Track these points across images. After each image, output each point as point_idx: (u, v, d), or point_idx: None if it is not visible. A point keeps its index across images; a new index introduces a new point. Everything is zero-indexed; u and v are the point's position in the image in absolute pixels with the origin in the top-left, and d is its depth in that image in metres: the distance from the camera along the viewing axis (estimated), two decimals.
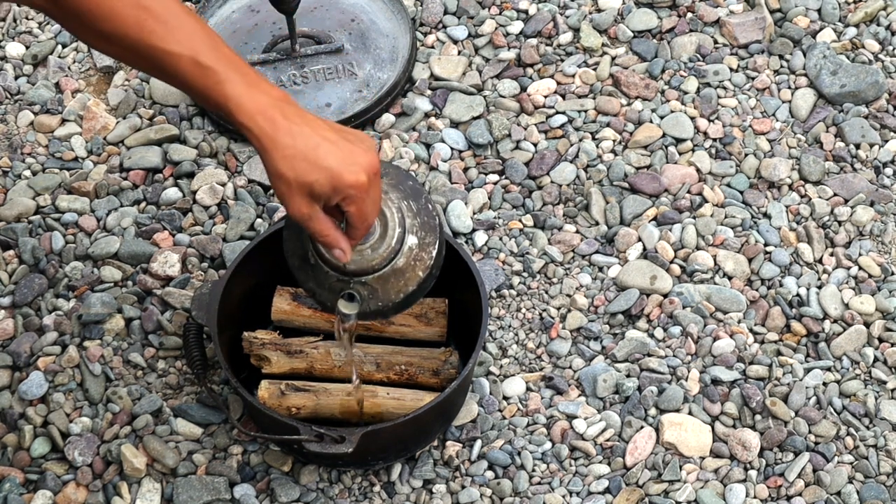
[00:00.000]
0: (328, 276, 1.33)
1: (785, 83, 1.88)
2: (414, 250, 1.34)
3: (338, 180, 1.21)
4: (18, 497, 1.51)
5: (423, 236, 1.35)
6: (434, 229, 1.35)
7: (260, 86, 1.21)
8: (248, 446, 1.55)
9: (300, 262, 1.36)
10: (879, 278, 1.70)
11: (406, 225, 1.33)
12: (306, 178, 1.21)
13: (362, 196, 1.23)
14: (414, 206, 1.34)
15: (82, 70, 1.91)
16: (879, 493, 1.53)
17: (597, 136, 1.82)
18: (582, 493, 1.53)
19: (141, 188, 1.77)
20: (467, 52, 1.91)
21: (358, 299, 1.34)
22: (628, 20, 1.94)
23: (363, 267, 1.32)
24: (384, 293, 1.35)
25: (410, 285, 1.35)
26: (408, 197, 1.34)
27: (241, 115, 1.20)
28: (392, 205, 1.32)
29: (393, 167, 1.36)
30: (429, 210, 1.35)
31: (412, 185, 1.36)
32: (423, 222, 1.35)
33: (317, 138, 1.21)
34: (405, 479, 1.53)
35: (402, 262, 1.34)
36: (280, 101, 1.22)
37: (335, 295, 1.34)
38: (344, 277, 1.33)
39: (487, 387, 1.60)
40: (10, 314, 1.65)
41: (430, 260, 1.35)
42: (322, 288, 1.35)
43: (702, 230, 1.73)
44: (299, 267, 1.36)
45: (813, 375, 1.61)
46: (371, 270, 1.33)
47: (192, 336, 1.54)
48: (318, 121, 1.24)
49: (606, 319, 1.66)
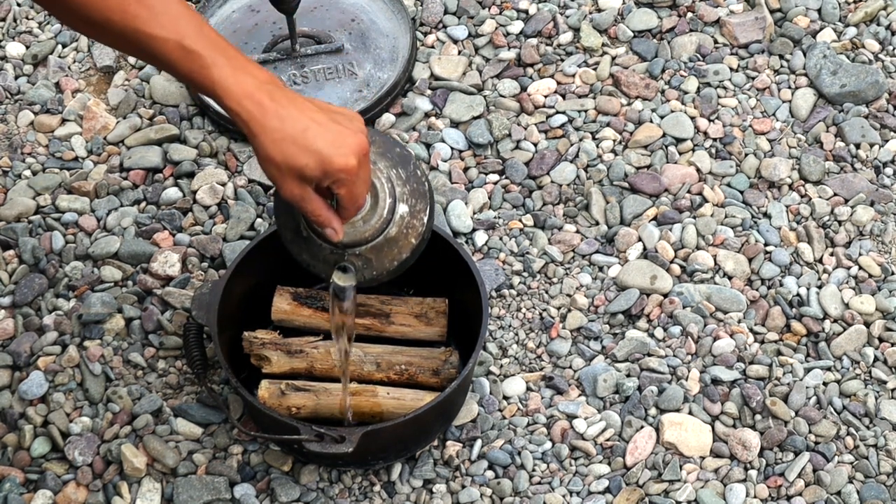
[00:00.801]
0: (322, 249, 1.35)
1: (785, 83, 1.88)
2: (405, 218, 1.35)
3: (328, 164, 1.21)
4: (18, 497, 1.51)
5: (413, 203, 1.36)
6: (424, 195, 1.36)
7: (246, 68, 1.21)
8: (249, 446, 1.55)
9: (293, 235, 1.37)
10: (879, 278, 1.70)
11: (396, 194, 1.34)
12: (296, 162, 1.21)
13: (352, 179, 1.24)
14: (403, 174, 1.35)
15: (82, 70, 1.91)
16: (879, 493, 1.53)
17: (597, 135, 1.82)
18: (582, 493, 1.53)
19: (141, 188, 1.77)
20: (467, 51, 1.91)
21: (352, 270, 1.35)
22: (628, 20, 1.94)
23: (356, 239, 1.34)
24: (378, 262, 1.36)
25: (404, 252, 1.36)
26: (396, 165, 1.35)
27: (228, 100, 1.20)
28: (381, 175, 1.33)
29: (379, 134, 1.37)
30: (417, 176, 1.36)
31: (400, 151, 1.36)
32: (412, 189, 1.36)
33: (305, 121, 1.21)
34: (405, 479, 1.53)
35: (395, 231, 1.35)
36: (267, 84, 1.21)
37: (330, 267, 1.36)
38: (337, 250, 1.34)
39: (487, 387, 1.60)
40: (10, 314, 1.65)
41: (421, 227, 1.36)
42: (316, 260, 1.37)
43: (702, 230, 1.73)
44: (292, 240, 1.37)
45: (813, 375, 1.61)
46: (364, 242, 1.34)
47: (192, 336, 1.54)
48: (306, 102, 1.24)
49: (606, 319, 1.66)
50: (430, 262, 1.58)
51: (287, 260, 1.59)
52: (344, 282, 1.36)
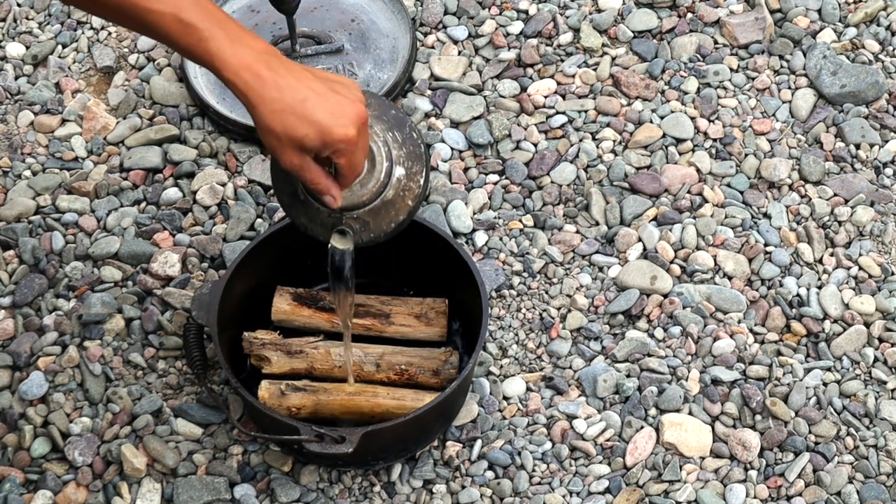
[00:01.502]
0: (319, 212, 1.36)
1: (785, 83, 1.89)
2: (402, 181, 1.36)
3: (328, 135, 1.22)
4: (18, 497, 1.51)
5: (409, 166, 1.37)
6: (420, 157, 1.37)
7: (243, 40, 1.21)
8: (249, 446, 1.55)
9: (290, 199, 1.38)
10: (879, 278, 1.70)
11: (393, 157, 1.35)
12: (296, 133, 1.22)
13: (352, 149, 1.25)
14: (399, 137, 1.36)
15: (82, 70, 1.91)
16: (879, 493, 1.53)
17: (597, 136, 1.82)
18: (582, 494, 1.53)
19: (141, 188, 1.77)
20: (467, 52, 1.91)
21: (350, 233, 1.37)
22: (628, 20, 1.94)
23: (354, 202, 1.35)
24: (376, 225, 1.37)
25: (401, 214, 1.38)
26: (392, 127, 1.36)
27: (226, 72, 1.20)
28: (378, 138, 1.34)
29: (374, 97, 1.38)
30: (413, 138, 1.37)
31: (395, 114, 1.37)
32: (409, 152, 1.37)
33: (304, 90, 1.22)
34: (405, 479, 1.53)
35: (392, 193, 1.36)
36: (265, 54, 1.22)
37: (327, 230, 1.37)
38: (335, 213, 1.35)
39: (487, 387, 1.60)
40: (11, 314, 1.65)
41: (418, 188, 1.38)
42: (314, 223, 1.38)
43: (702, 230, 1.73)
44: (290, 204, 1.38)
45: (813, 375, 1.61)
46: (362, 205, 1.35)
47: (192, 336, 1.54)
48: (303, 71, 1.24)
49: (606, 319, 1.66)
50: (430, 262, 1.58)
51: (287, 260, 1.59)
52: (342, 244, 1.38)
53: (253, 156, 1.80)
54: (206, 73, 1.86)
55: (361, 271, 1.55)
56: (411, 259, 1.60)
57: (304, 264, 1.60)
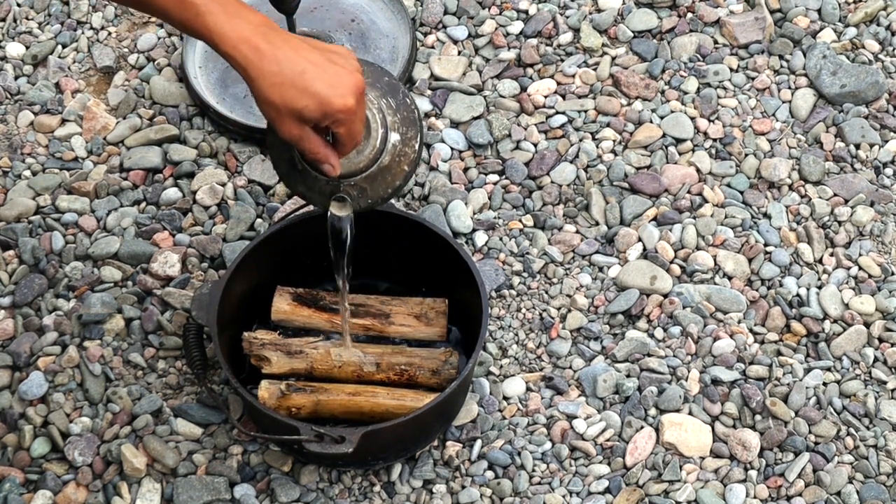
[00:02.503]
0: (317, 180, 1.38)
1: (785, 83, 1.89)
2: (398, 147, 1.39)
3: (327, 106, 1.24)
4: (18, 497, 1.51)
5: (404, 132, 1.39)
6: (414, 122, 1.40)
7: (240, 13, 1.22)
8: (248, 446, 1.55)
9: (288, 167, 1.40)
10: (879, 278, 1.70)
11: (388, 123, 1.37)
12: (295, 105, 1.23)
13: (350, 118, 1.26)
14: (393, 103, 1.38)
15: (82, 70, 1.91)
16: (879, 493, 1.53)
17: (597, 136, 1.82)
18: (582, 493, 1.53)
19: (141, 188, 1.77)
20: (467, 52, 1.91)
21: (348, 200, 1.39)
22: (628, 20, 1.94)
23: (351, 170, 1.37)
24: (373, 190, 1.39)
25: (398, 180, 1.40)
26: (386, 94, 1.38)
27: (224, 46, 1.21)
28: (373, 105, 1.36)
29: (367, 64, 1.39)
30: (407, 104, 1.39)
31: (388, 80, 1.39)
32: (403, 117, 1.39)
33: (302, 62, 1.23)
34: (405, 479, 1.53)
35: (388, 159, 1.38)
36: (262, 27, 1.23)
37: (325, 197, 1.39)
38: (333, 180, 1.37)
39: (487, 387, 1.60)
40: (10, 314, 1.65)
41: (413, 153, 1.40)
42: (312, 191, 1.40)
43: (702, 230, 1.73)
44: (287, 173, 1.40)
45: (813, 375, 1.61)
46: (359, 172, 1.37)
47: (192, 336, 1.54)
48: (301, 43, 1.25)
49: (606, 319, 1.66)
50: (430, 262, 1.58)
51: (287, 260, 1.59)
52: (341, 211, 1.39)
53: (253, 156, 1.80)
54: (205, 73, 1.86)
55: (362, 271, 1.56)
56: (411, 259, 1.60)
57: (303, 264, 1.60)
